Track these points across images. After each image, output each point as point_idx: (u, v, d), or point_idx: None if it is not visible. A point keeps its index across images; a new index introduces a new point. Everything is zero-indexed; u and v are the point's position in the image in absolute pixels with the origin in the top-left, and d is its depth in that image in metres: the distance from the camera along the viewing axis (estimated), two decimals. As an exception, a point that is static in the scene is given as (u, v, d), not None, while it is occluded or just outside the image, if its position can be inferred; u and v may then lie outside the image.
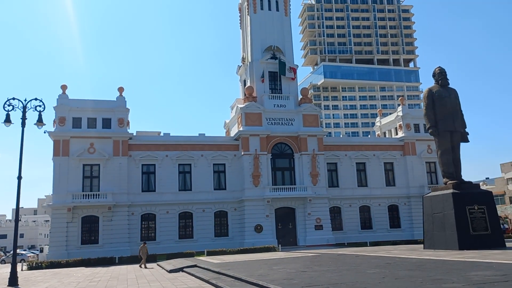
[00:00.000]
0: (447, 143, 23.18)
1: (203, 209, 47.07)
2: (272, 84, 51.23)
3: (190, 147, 48.09)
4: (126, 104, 46.41)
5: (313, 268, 15.90)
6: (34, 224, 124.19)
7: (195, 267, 21.53)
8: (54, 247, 41.76)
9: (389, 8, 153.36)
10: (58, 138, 43.36)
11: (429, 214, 23.06)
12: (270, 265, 18.61)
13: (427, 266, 13.43)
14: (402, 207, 53.41)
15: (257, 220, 45.90)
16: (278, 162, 48.96)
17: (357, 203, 52.06)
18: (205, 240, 45.63)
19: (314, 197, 47.60)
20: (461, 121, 23.55)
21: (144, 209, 45.51)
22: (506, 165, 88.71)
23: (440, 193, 22.71)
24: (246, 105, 48.41)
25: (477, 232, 21.12)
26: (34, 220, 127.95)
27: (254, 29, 51.95)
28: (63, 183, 42.83)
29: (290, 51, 52.59)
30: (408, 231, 52.15)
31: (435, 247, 22.17)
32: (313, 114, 50.52)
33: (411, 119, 55.28)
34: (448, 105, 23.22)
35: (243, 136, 47.54)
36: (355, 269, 14.29)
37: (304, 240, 46.48)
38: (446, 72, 24.06)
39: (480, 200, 21.83)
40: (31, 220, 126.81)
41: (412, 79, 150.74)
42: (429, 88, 24.14)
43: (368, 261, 17.48)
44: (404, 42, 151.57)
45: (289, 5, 54.14)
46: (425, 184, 53.08)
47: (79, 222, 42.96)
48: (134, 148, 46.26)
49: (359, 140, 58.03)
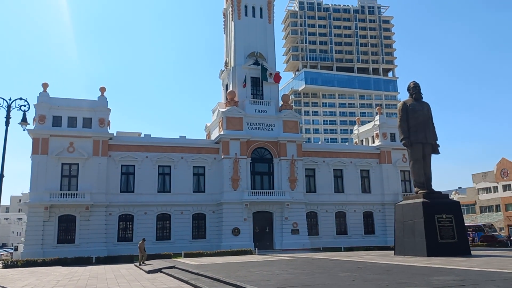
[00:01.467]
0: (418, 154, 24.30)
1: (182, 211, 47.42)
2: (254, 90, 52.02)
3: (171, 149, 48.42)
4: (107, 104, 46.46)
5: (288, 270, 16.64)
6: (6, 222, 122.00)
7: (174, 268, 22.02)
8: (29, 246, 41.48)
9: (370, 18, 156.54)
10: (37, 136, 43.14)
11: (400, 221, 24.09)
12: (247, 267, 19.28)
13: (394, 271, 14.31)
14: (377, 214, 54.75)
15: (235, 223, 46.48)
16: (257, 166, 49.69)
17: (333, 209, 53.15)
18: (182, 242, 45.94)
19: (291, 202, 48.46)
20: (432, 134, 24.73)
21: (122, 210, 45.59)
22: (477, 176, 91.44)
23: (411, 202, 23.77)
24: (227, 109, 49.03)
25: (444, 240, 22.20)
26: (6, 218, 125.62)
27: (238, 35, 52.68)
28: (41, 182, 42.61)
29: (273, 58, 53.51)
30: (382, 237, 53.46)
31: (405, 253, 23.16)
32: (293, 120, 51.46)
33: (387, 128, 56.73)
34: (420, 118, 24.36)
35: (224, 140, 48.13)
36: (327, 272, 15.07)
37: (280, 244, 47.24)
38: (420, 86, 25.24)
39: (448, 210, 22.93)
40: (3, 217, 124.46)
41: (391, 88, 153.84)
42: (404, 102, 25.31)
43: (341, 265, 18.30)
44: (384, 52, 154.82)
45: (273, 12, 55.11)
46: (399, 192, 54.53)
47: (56, 221, 42.77)
48: (114, 148, 46.34)
49: (337, 147, 59.36)
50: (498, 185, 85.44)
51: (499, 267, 14.41)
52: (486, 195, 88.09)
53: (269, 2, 54.78)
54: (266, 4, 54.68)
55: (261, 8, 54.59)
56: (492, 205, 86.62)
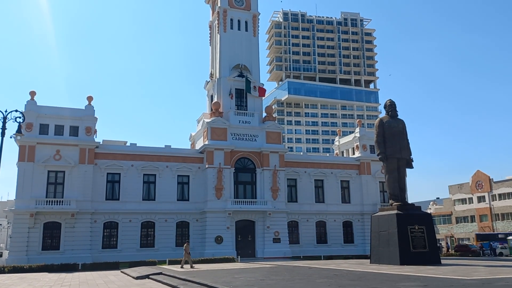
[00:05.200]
0: (394, 168, 25.96)
1: (166, 219, 48.27)
2: (238, 101, 53.35)
3: (156, 157, 49.32)
4: (94, 113, 47.21)
5: (271, 277, 17.91)
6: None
7: (161, 274, 23.06)
8: (14, 252, 41.83)
9: (352, 30, 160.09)
10: (24, 143, 43.60)
11: (376, 231, 25.62)
12: (232, 274, 20.49)
13: (367, 278, 15.72)
14: (356, 223, 56.39)
15: (218, 232, 47.52)
16: (240, 176, 50.90)
17: (314, 218, 54.60)
18: (166, 250, 46.74)
19: (273, 211, 49.76)
20: (407, 149, 26.46)
21: (107, 217, 46.22)
22: (454, 187, 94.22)
23: (386, 213, 25.34)
24: (212, 120, 50.23)
25: (416, 250, 23.79)
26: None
27: (223, 47, 54.07)
28: (26, 189, 43.06)
29: (257, 70, 55.00)
30: (360, 246, 55.04)
31: (380, 262, 24.66)
32: (276, 131, 52.91)
33: (367, 140, 58.58)
34: (396, 135, 26.09)
35: (208, 149, 49.27)
36: (306, 279, 16.39)
37: (262, 252, 48.41)
38: (395, 104, 26.99)
39: (420, 221, 24.56)
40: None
41: (372, 99, 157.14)
42: (380, 118, 27.06)
43: (319, 272, 19.66)
44: (365, 64, 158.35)
45: (258, 26, 56.69)
46: (378, 202, 56.28)
47: (41, 228, 43.18)
48: (100, 156, 47.05)
49: (318, 158, 61.00)
50: (473, 196, 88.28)
51: (462, 275, 15.90)
52: (462, 206, 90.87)
53: (254, 16, 56.39)
54: (251, 18, 56.27)
55: (247, 21, 56.14)
56: (467, 215, 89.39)
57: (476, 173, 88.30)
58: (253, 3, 56.79)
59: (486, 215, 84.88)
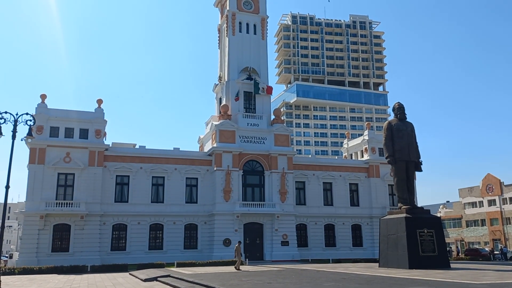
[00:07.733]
0: (402, 172, 25.85)
1: (174, 221, 48.41)
2: (247, 103, 53.43)
3: (165, 160, 49.53)
4: (104, 116, 47.54)
5: (278, 280, 17.89)
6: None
7: (169, 277, 23.12)
8: (24, 254, 42.19)
9: (361, 33, 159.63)
10: (34, 146, 44.03)
11: (385, 235, 25.49)
12: (239, 276, 20.49)
13: (375, 281, 15.64)
14: (365, 226, 56.09)
15: (226, 234, 47.55)
16: (249, 178, 50.91)
17: (322, 221, 54.42)
18: (174, 252, 46.85)
19: (282, 214, 49.66)
20: (415, 152, 26.33)
21: (116, 219, 46.48)
22: (464, 190, 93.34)
23: (394, 217, 25.21)
24: (220, 123, 50.34)
25: (425, 253, 23.62)
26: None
27: (232, 50, 54.22)
28: (37, 191, 43.46)
29: (265, 73, 55.06)
30: (369, 250, 54.67)
31: (389, 265, 24.52)
32: (284, 134, 52.87)
33: (376, 143, 58.25)
34: (404, 138, 25.98)
35: (217, 152, 49.36)
36: (313, 282, 16.35)
37: (270, 255, 48.33)
38: (404, 107, 26.89)
39: (429, 225, 24.39)
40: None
41: (381, 102, 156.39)
42: (389, 121, 26.98)
43: (327, 276, 19.60)
44: (374, 67, 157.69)
45: (266, 29, 56.80)
46: (387, 205, 55.87)
47: (51, 230, 43.54)
48: (109, 159, 47.34)
49: (327, 161, 60.80)
50: (483, 200, 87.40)
51: (471, 279, 15.78)
52: (472, 210, 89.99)
53: (262, 19, 56.49)
54: (260, 21, 56.39)
55: (255, 25, 56.27)
56: (477, 219, 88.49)
57: (487, 176, 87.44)
58: (262, 7, 56.94)
59: (497, 218, 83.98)
